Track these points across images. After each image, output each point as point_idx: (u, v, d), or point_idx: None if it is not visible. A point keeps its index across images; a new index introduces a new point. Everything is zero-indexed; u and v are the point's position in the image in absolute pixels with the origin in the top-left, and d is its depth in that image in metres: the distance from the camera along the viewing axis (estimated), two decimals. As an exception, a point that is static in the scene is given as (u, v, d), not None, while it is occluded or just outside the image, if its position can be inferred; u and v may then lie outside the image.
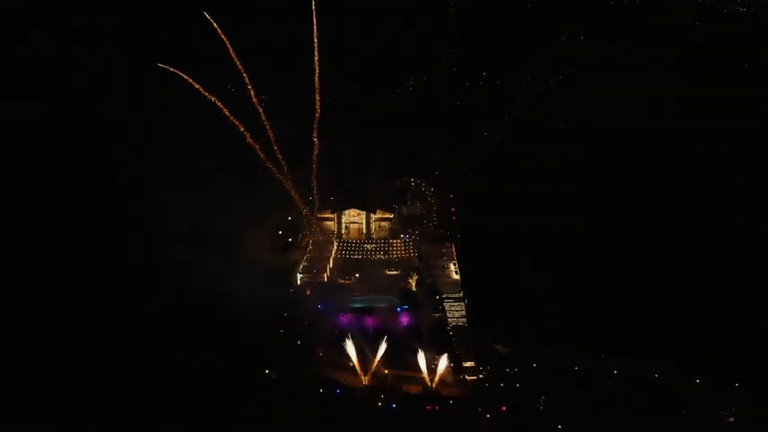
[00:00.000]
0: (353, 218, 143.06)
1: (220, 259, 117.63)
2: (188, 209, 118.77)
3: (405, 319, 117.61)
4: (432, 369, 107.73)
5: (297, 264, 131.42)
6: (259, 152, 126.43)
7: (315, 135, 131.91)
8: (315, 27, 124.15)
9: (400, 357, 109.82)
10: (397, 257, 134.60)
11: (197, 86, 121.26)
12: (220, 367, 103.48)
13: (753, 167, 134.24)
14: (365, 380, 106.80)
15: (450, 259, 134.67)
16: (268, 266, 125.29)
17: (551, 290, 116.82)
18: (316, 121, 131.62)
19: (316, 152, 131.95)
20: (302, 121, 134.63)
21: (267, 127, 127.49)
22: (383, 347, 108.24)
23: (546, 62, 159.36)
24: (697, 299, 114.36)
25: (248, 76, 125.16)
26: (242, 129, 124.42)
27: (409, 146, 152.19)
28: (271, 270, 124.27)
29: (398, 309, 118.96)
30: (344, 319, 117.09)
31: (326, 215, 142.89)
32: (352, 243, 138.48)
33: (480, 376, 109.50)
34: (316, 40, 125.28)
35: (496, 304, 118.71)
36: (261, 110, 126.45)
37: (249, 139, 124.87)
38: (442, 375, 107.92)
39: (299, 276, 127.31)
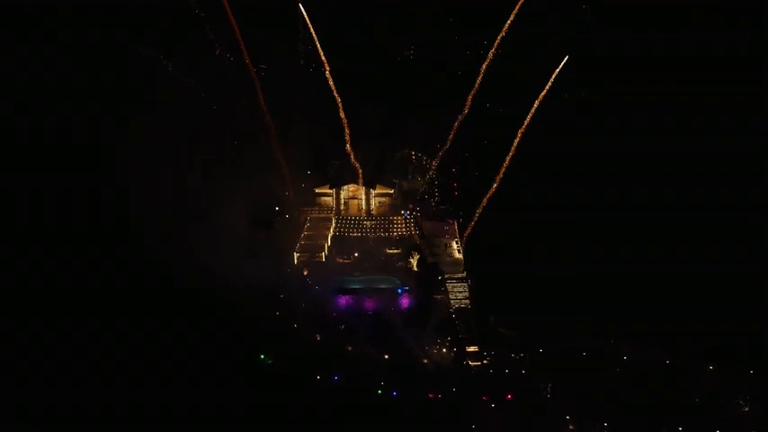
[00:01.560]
0: (353, 193, 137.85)
1: (199, 235, 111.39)
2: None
3: (405, 301, 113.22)
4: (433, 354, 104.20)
5: (293, 241, 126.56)
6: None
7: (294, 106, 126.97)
8: None
9: (400, 341, 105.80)
10: (398, 235, 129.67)
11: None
12: (212, 353, 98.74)
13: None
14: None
15: (453, 237, 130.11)
16: (251, 244, 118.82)
17: (559, 271, 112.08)
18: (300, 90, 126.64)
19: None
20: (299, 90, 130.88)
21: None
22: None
23: None
24: (711, 281, 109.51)
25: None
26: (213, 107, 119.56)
27: (406, 117, 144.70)
28: (254, 248, 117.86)
29: (399, 290, 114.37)
30: (343, 300, 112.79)
31: (324, 190, 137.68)
32: (350, 220, 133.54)
33: (484, 362, 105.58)
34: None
35: (501, 285, 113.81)
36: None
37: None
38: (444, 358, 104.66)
39: (295, 255, 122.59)
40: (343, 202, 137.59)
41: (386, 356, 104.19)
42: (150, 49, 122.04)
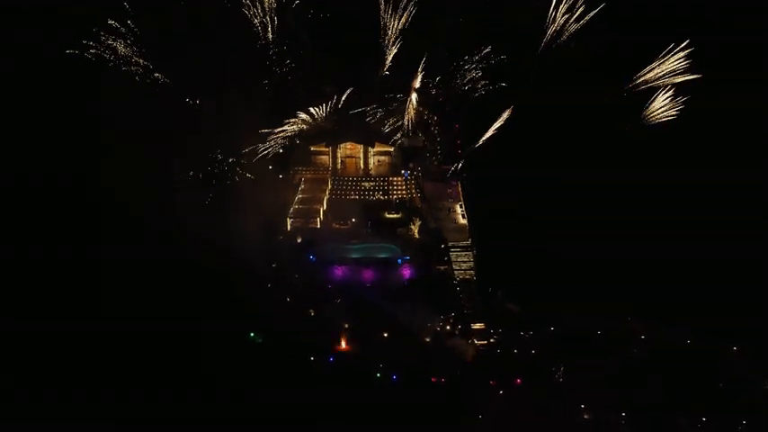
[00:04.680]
0: (350, 151, 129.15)
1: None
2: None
3: (406, 272, 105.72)
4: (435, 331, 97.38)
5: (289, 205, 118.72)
6: None
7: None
8: None
9: (401, 318, 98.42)
10: (398, 198, 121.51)
11: None
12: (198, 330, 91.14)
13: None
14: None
15: (457, 200, 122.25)
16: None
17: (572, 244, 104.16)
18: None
19: None
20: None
21: None
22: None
23: None
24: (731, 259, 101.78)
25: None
26: None
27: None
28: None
29: (399, 260, 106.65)
30: (339, 271, 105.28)
31: (320, 148, 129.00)
32: (347, 180, 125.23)
33: (491, 341, 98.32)
34: None
35: (509, 255, 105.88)
36: None
37: None
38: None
39: (289, 221, 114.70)
40: (339, 161, 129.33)
41: (384, 334, 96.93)
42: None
